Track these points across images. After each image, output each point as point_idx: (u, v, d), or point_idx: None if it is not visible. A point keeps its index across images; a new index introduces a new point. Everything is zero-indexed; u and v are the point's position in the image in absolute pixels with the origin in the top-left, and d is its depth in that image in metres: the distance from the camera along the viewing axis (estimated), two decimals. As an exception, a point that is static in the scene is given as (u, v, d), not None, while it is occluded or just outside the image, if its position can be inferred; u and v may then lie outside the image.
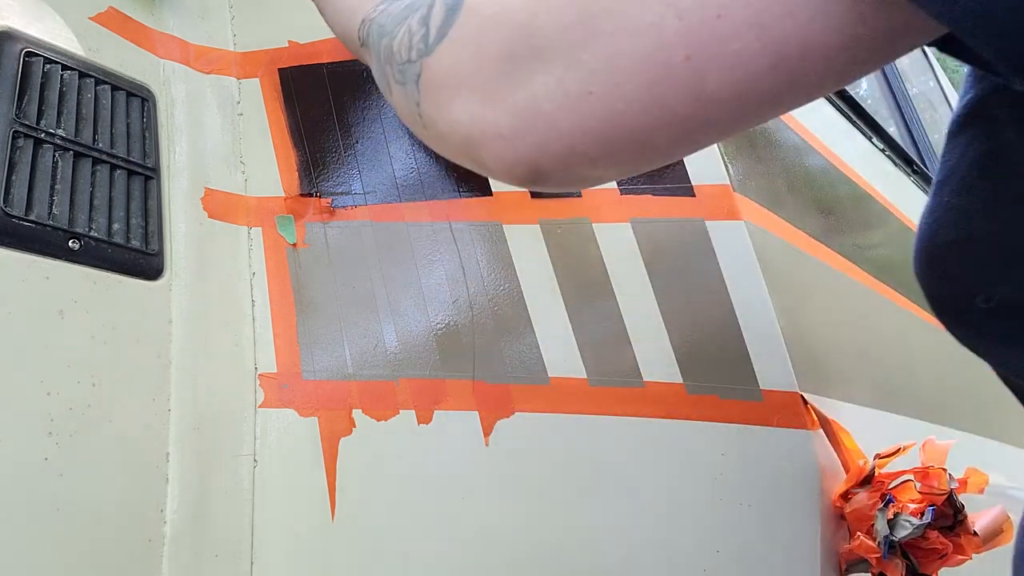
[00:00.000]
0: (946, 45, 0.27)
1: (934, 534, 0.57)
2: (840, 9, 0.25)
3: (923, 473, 0.60)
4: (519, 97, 0.31)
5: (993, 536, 0.60)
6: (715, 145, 0.65)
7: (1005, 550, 0.57)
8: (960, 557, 0.58)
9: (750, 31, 0.26)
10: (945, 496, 0.58)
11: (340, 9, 0.50)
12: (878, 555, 0.57)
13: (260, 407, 0.54)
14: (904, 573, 0.57)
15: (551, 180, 0.32)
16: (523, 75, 0.30)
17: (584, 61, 0.29)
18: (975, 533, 0.59)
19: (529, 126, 0.31)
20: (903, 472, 0.60)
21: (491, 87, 0.32)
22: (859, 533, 0.58)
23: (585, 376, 0.58)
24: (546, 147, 0.31)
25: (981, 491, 0.62)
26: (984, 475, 0.62)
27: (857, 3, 0.25)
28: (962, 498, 0.59)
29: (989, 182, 0.33)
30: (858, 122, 1.17)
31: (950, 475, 0.59)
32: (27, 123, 0.48)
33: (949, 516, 0.58)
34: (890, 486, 0.59)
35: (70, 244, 0.47)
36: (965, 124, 0.34)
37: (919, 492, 0.58)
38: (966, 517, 0.58)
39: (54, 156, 0.49)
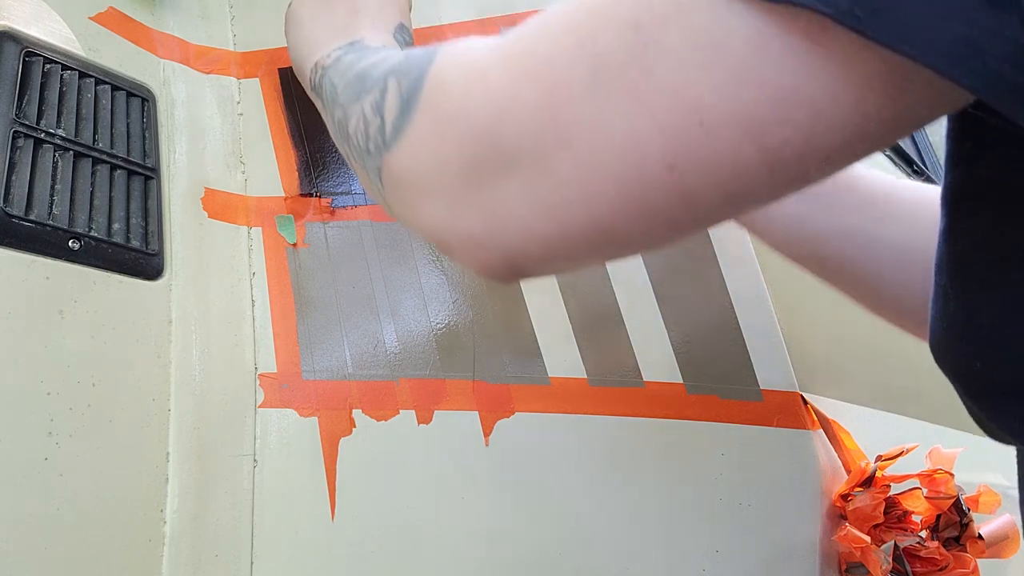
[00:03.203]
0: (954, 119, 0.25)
1: (935, 544, 0.57)
2: (845, 106, 0.23)
3: (929, 478, 0.59)
4: (490, 202, 0.29)
5: (999, 542, 0.60)
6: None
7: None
8: (961, 571, 0.58)
9: (740, 140, 0.24)
10: (952, 501, 0.57)
11: (298, 40, 0.50)
12: (863, 546, 0.56)
13: (260, 407, 0.54)
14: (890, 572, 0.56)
15: (531, 276, 0.31)
16: (492, 181, 0.28)
17: (558, 170, 0.26)
18: (980, 537, 0.58)
19: (504, 231, 0.29)
20: (908, 476, 0.60)
21: (459, 193, 0.29)
22: (846, 525, 0.58)
23: (585, 376, 0.58)
24: (524, 250, 0.29)
25: (992, 511, 0.61)
26: (996, 495, 0.61)
27: (867, 94, 0.23)
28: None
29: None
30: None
31: (960, 488, 0.59)
32: (27, 123, 0.48)
33: (956, 524, 0.58)
34: (895, 491, 0.59)
35: (70, 244, 0.47)
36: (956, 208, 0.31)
37: (925, 498, 0.58)
38: (971, 521, 0.58)
39: (54, 156, 0.49)
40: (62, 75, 0.52)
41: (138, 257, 0.51)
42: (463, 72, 0.30)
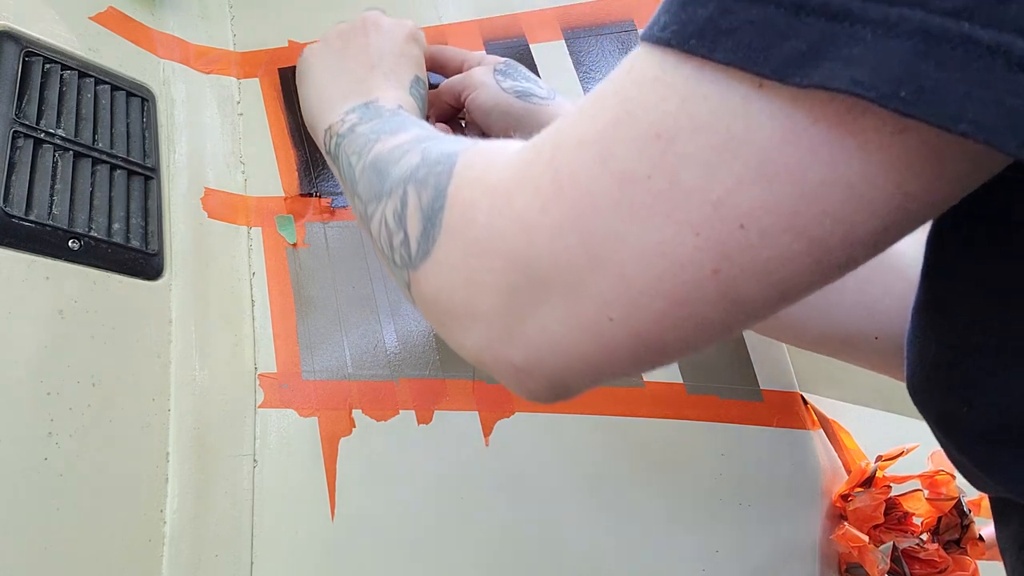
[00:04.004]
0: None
1: (934, 547, 0.57)
2: (887, 189, 0.22)
3: (931, 480, 0.59)
4: (529, 330, 0.27)
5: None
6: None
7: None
8: (961, 573, 0.58)
9: (782, 236, 0.23)
10: (953, 503, 0.57)
11: (309, 94, 0.49)
12: (861, 545, 0.56)
13: (260, 407, 0.54)
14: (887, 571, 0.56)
15: (577, 394, 0.30)
16: (528, 307, 0.27)
17: (596, 289, 0.25)
18: (981, 538, 0.58)
19: (546, 359, 0.27)
20: (909, 477, 0.60)
21: (494, 321, 0.28)
22: (845, 524, 0.58)
23: (585, 376, 0.58)
24: (569, 374, 0.28)
25: None
26: None
27: (909, 174, 0.21)
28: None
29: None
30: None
31: (962, 490, 0.59)
32: (27, 123, 0.48)
33: (956, 526, 0.58)
34: (896, 492, 0.59)
35: (70, 244, 0.47)
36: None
37: (927, 500, 0.58)
38: (972, 523, 0.58)
39: (54, 156, 0.49)
40: (62, 75, 0.52)
41: (138, 257, 0.51)
42: (486, 194, 0.28)
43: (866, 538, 0.56)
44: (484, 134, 0.54)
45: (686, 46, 0.23)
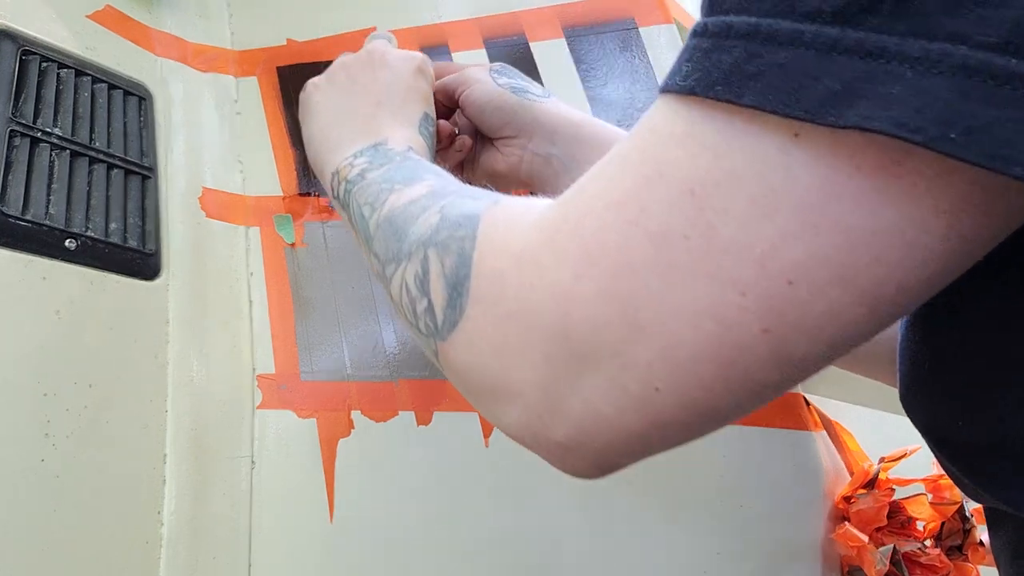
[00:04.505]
0: None
1: (936, 552, 0.56)
2: (938, 233, 0.21)
3: (934, 484, 0.59)
4: (571, 406, 0.26)
5: None
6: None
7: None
8: None
9: (834, 289, 0.22)
10: (956, 507, 0.57)
11: (313, 132, 0.47)
12: (860, 545, 0.56)
13: (258, 408, 0.54)
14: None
15: (625, 467, 0.28)
16: (567, 380, 0.25)
17: (639, 357, 0.24)
18: (982, 543, 0.58)
19: (591, 436, 0.26)
20: (913, 480, 0.59)
21: (532, 395, 0.26)
22: (845, 523, 0.58)
23: (586, 377, 0.58)
24: (615, 449, 0.26)
25: None
26: None
27: (960, 216, 0.20)
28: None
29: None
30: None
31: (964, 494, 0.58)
32: (24, 122, 0.48)
33: (959, 532, 0.57)
34: (899, 495, 0.58)
35: (67, 244, 0.47)
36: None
37: (930, 504, 0.57)
38: (974, 527, 0.57)
39: (51, 155, 0.49)
40: (59, 73, 0.52)
41: (135, 257, 0.51)
42: (513, 264, 0.27)
43: (865, 538, 0.56)
44: (476, 132, 0.53)
45: (711, 92, 0.22)
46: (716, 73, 0.22)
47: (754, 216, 0.22)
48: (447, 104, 0.53)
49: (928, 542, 0.58)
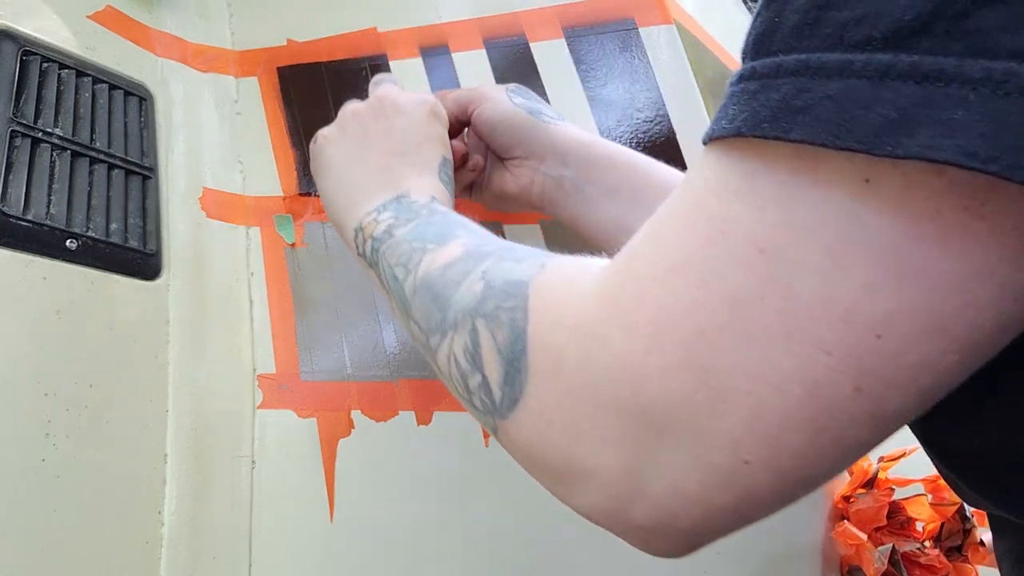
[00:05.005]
0: None
1: (936, 553, 0.56)
2: None
3: (934, 484, 0.59)
4: (652, 485, 0.24)
5: None
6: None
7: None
8: None
9: (925, 337, 0.20)
10: (956, 508, 0.57)
11: (328, 185, 0.45)
12: (859, 543, 0.56)
13: (259, 408, 0.54)
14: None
15: (713, 541, 0.27)
16: (645, 459, 0.24)
17: (723, 430, 0.22)
18: (982, 543, 0.58)
19: (678, 514, 0.24)
20: (913, 480, 0.59)
21: (607, 477, 0.25)
22: (844, 521, 0.58)
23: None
24: (705, 526, 0.25)
25: None
26: None
27: None
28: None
29: None
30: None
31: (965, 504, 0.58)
32: (24, 122, 0.48)
33: (958, 532, 0.57)
34: (898, 496, 0.58)
35: (67, 244, 0.47)
36: None
37: (930, 505, 0.57)
38: (974, 527, 0.57)
39: (51, 155, 0.49)
40: (59, 74, 0.52)
41: (136, 257, 0.51)
42: (572, 339, 0.25)
43: (864, 536, 0.56)
44: (487, 151, 0.53)
45: (757, 131, 0.21)
46: (764, 112, 0.21)
47: (831, 269, 0.20)
48: (460, 119, 0.53)
49: (927, 543, 0.58)
